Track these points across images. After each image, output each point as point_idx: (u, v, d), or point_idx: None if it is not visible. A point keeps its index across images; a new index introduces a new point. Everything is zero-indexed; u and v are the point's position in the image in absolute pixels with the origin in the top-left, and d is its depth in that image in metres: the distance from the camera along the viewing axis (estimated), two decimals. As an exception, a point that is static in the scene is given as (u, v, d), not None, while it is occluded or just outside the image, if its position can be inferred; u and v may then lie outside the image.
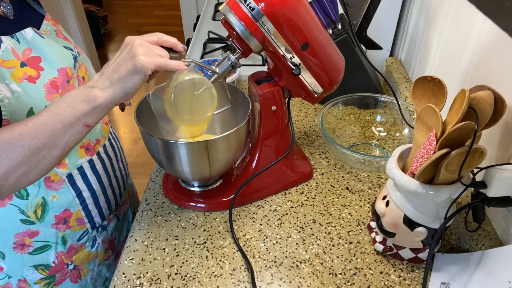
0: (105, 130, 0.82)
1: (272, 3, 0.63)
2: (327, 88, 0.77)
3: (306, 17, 0.67)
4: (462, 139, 0.55)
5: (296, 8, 0.65)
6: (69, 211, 0.74)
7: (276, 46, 0.67)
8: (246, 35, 0.65)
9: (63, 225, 0.74)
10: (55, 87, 0.65)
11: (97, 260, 0.83)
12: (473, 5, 0.34)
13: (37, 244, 0.73)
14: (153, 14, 4.52)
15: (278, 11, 0.64)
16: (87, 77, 0.76)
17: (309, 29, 0.68)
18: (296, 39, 0.67)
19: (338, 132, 1.00)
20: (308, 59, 0.71)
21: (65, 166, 0.72)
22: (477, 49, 0.72)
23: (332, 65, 0.75)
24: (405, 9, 1.15)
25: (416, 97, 0.65)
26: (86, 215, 0.78)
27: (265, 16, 0.63)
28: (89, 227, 0.79)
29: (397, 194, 0.63)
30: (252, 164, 0.80)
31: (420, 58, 1.03)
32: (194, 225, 0.76)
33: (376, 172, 0.88)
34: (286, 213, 0.79)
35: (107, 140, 0.83)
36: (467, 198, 0.72)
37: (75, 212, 0.75)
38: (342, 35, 1.00)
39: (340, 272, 0.67)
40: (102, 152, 0.80)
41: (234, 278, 0.66)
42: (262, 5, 0.63)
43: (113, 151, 0.85)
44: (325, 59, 0.73)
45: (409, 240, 0.65)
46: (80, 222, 0.77)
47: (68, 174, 0.73)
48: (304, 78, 0.73)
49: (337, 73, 0.76)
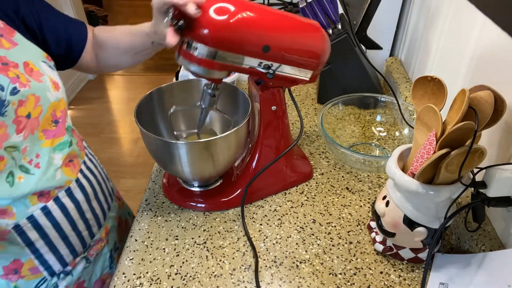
0: (69, 173, 0.68)
1: (215, 36, 0.60)
2: (315, 67, 0.72)
3: (255, 22, 0.62)
4: (462, 139, 0.55)
5: (241, 23, 0.61)
6: (20, 262, 0.66)
7: (240, 64, 0.65)
8: (210, 73, 0.64)
9: (14, 275, 0.67)
10: None
11: None
12: (473, 5, 0.34)
13: None
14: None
15: (226, 38, 0.61)
16: (36, 111, 0.61)
17: (263, 31, 0.64)
18: (254, 48, 0.63)
19: (338, 132, 1.00)
20: (277, 57, 0.67)
21: (12, 216, 0.61)
22: (477, 49, 0.73)
23: (306, 46, 0.69)
24: (405, 9, 1.15)
25: (416, 97, 0.65)
26: (41, 263, 0.68)
27: (217, 49, 0.61)
28: (46, 275, 0.69)
29: (397, 194, 0.63)
30: (252, 164, 0.80)
31: (420, 58, 1.03)
32: (194, 225, 0.76)
33: (376, 172, 0.88)
34: (286, 213, 0.79)
35: (80, 174, 0.71)
36: (467, 198, 0.72)
37: (27, 262, 0.66)
38: (342, 35, 1.00)
39: (340, 272, 0.67)
40: (64, 197, 0.67)
41: (234, 278, 0.66)
42: (208, 43, 0.61)
43: (90, 185, 0.73)
44: (295, 46, 0.68)
45: (409, 240, 0.65)
46: (35, 271, 0.68)
47: (15, 224, 0.62)
48: (285, 72, 0.70)
49: (317, 50, 0.70)
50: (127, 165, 2.52)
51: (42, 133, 0.63)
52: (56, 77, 0.67)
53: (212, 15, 0.59)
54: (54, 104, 0.65)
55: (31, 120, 0.61)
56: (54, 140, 0.66)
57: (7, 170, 0.59)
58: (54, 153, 0.66)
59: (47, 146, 0.64)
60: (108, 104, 3.18)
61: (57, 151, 0.66)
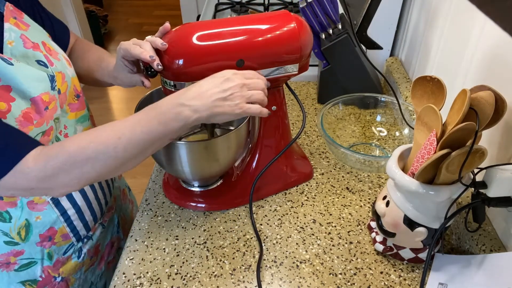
0: None
1: (177, 69, 0.62)
2: (299, 60, 0.69)
3: (218, 48, 0.63)
4: (463, 140, 0.55)
5: (203, 52, 0.62)
6: (54, 229, 0.72)
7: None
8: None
9: (48, 242, 0.72)
10: (29, 119, 0.59)
11: (83, 269, 0.81)
12: (474, 5, 0.34)
13: (23, 262, 0.71)
14: (153, 14, 4.53)
15: (191, 73, 0.62)
16: (64, 87, 0.67)
17: (232, 49, 0.63)
18: (228, 66, 0.63)
19: (338, 132, 1.00)
20: (255, 66, 0.66)
21: None
22: (478, 49, 0.72)
23: (283, 45, 0.66)
24: (406, 9, 1.15)
25: (416, 97, 0.65)
26: (71, 230, 0.75)
27: (186, 81, 0.63)
28: (74, 241, 0.76)
29: (397, 194, 0.63)
30: (252, 164, 0.80)
31: (421, 58, 1.03)
32: (194, 225, 0.76)
33: (376, 172, 0.88)
34: (286, 213, 0.79)
35: None
36: (467, 198, 0.72)
37: (59, 229, 0.73)
38: (343, 35, 1.00)
39: (340, 272, 0.67)
40: None
41: (234, 278, 0.66)
42: (176, 80, 0.63)
43: None
44: (270, 49, 0.66)
45: (409, 240, 0.65)
46: (66, 237, 0.74)
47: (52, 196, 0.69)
48: (270, 74, 0.68)
49: (295, 44, 0.67)
50: (127, 165, 2.52)
51: (68, 107, 0.70)
52: (65, 55, 0.72)
53: (172, 60, 0.62)
54: (73, 80, 0.71)
55: (61, 96, 0.67)
56: (78, 113, 0.73)
57: (52, 140, 0.65)
58: (77, 125, 0.73)
59: (72, 118, 0.71)
60: (108, 104, 3.18)
61: (79, 123, 0.73)
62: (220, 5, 1.69)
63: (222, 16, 1.64)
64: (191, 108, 0.56)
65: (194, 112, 0.56)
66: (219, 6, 1.68)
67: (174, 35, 0.63)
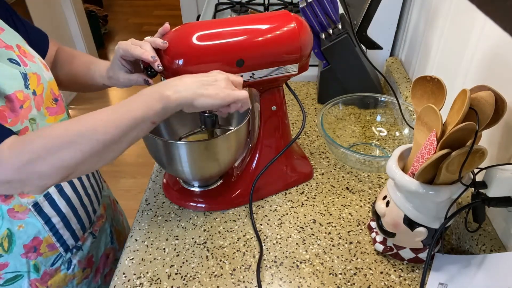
0: None
1: (177, 69, 0.62)
2: (300, 60, 0.69)
3: (217, 48, 0.63)
4: (463, 140, 0.55)
5: (203, 52, 0.62)
6: (39, 239, 0.69)
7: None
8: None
9: (33, 253, 0.70)
10: (3, 117, 0.57)
11: (75, 281, 0.78)
12: (474, 5, 0.34)
13: (8, 276, 0.68)
14: (153, 14, 4.53)
15: (192, 68, 0.62)
16: (40, 89, 0.66)
17: (232, 49, 0.63)
18: (228, 65, 0.63)
19: (338, 132, 1.00)
20: (255, 66, 0.66)
21: (30, 194, 0.67)
22: (478, 49, 0.72)
23: (283, 45, 0.67)
24: (406, 9, 1.15)
25: (416, 97, 0.65)
26: (57, 239, 0.72)
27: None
28: (62, 251, 0.74)
29: (397, 194, 0.63)
30: (252, 164, 0.80)
31: (421, 58, 1.03)
32: (194, 225, 0.76)
33: (376, 172, 0.88)
34: (286, 213, 0.79)
35: None
36: (468, 198, 0.72)
37: (45, 239, 0.70)
38: (343, 35, 1.00)
39: (340, 272, 0.67)
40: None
41: (234, 278, 0.66)
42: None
43: None
44: (270, 49, 0.66)
45: (409, 240, 0.65)
46: (52, 247, 0.72)
47: (34, 202, 0.67)
48: (270, 74, 0.69)
49: (295, 44, 0.67)
50: (127, 165, 2.52)
51: (46, 110, 0.67)
52: (42, 59, 0.70)
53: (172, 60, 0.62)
54: (51, 83, 0.69)
55: (37, 97, 0.65)
56: (57, 117, 0.70)
57: None
58: None
59: (51, 122, 0.69)
60: (108, 104, 3.16)
61: None
62: (220, 5, 1.69)
63: (222, 16, 1.64)
64: (173, 88, 0.56)
65: (175, 92, 0.55)
66: (219, 6, 1.68)
67: (174, 35, 0.63)
